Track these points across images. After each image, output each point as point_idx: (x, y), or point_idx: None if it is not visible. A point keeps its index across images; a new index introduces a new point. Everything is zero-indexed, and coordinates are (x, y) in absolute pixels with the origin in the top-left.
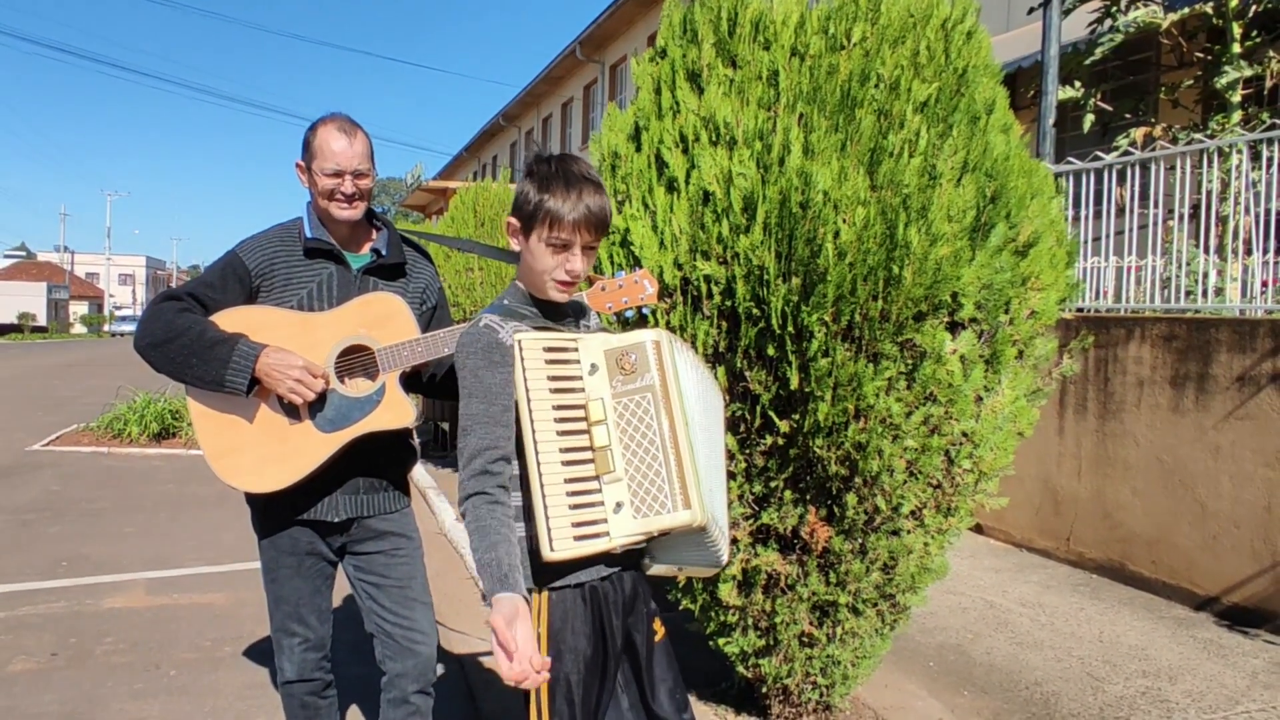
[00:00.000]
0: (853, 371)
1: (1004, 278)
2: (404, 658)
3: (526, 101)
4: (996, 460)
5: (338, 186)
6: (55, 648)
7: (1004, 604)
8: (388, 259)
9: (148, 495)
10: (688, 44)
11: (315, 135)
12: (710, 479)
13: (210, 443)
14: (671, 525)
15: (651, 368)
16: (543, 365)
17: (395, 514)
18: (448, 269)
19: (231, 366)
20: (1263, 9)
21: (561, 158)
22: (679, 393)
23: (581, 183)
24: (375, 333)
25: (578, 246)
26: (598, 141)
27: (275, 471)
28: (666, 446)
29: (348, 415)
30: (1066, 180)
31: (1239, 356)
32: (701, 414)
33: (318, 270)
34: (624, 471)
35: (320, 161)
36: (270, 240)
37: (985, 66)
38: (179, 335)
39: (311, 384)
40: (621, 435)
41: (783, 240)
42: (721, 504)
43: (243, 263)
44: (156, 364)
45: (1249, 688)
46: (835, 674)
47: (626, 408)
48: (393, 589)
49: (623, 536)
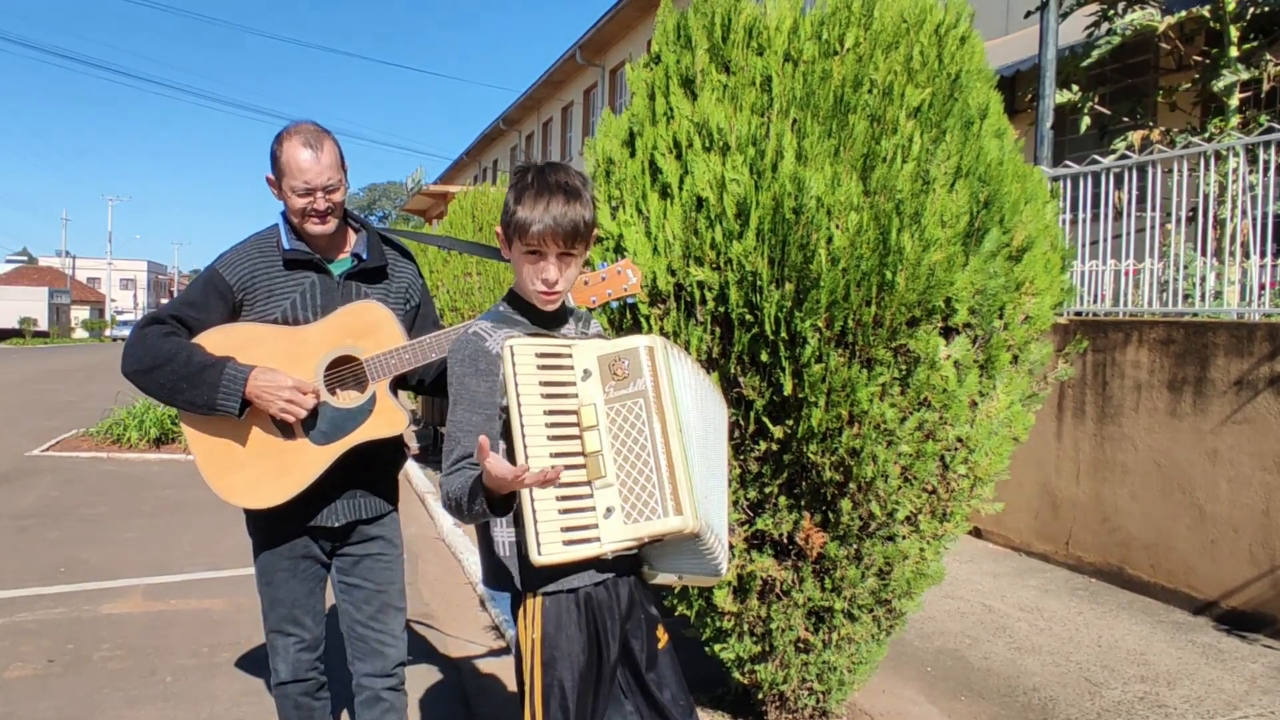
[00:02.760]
0: (846, 377)
1: (998, 283)
2: (372, 659)
3: (527, 105)
4: (992, 465)
5: (310, 205)
6: (52, 654)
7: (1002, 608)
8: (369, 262)
9: (147, 500)
10: (681, 49)
11: (281, 150)
12: (707, 486)
13: (208, 464)
14: (662, 531)
15: (645, 373)
16: (535, 370)
17: (385, 517)
18: (446, 274)
19: (222, 390)
20: (1260, 12)
21: (542, 167)
22: (673, 399)
23: (553, 192)
24: (362, 342)
25: (551, 256)
26: (592, 147)
27: (274, 487)
28: (658, 452)
29: (341, 427)
30: (1064, 184)
31: (1236, 360)
32: (700, 422)
33: (299, 280)
34: (615, 477)
35: (289, 179)
36: (249, 253)
37: (979, 71)
38: (167, 361)
39: (303, 402)
40: (613, 441)
41: (776, 246)
42: (720, 513)
43: (224, 278)
44: (146, 389)
45: (1247, 692)
46: (831, 680)
47: (619, 413)
48: (372, 593)
49: (613, 542)
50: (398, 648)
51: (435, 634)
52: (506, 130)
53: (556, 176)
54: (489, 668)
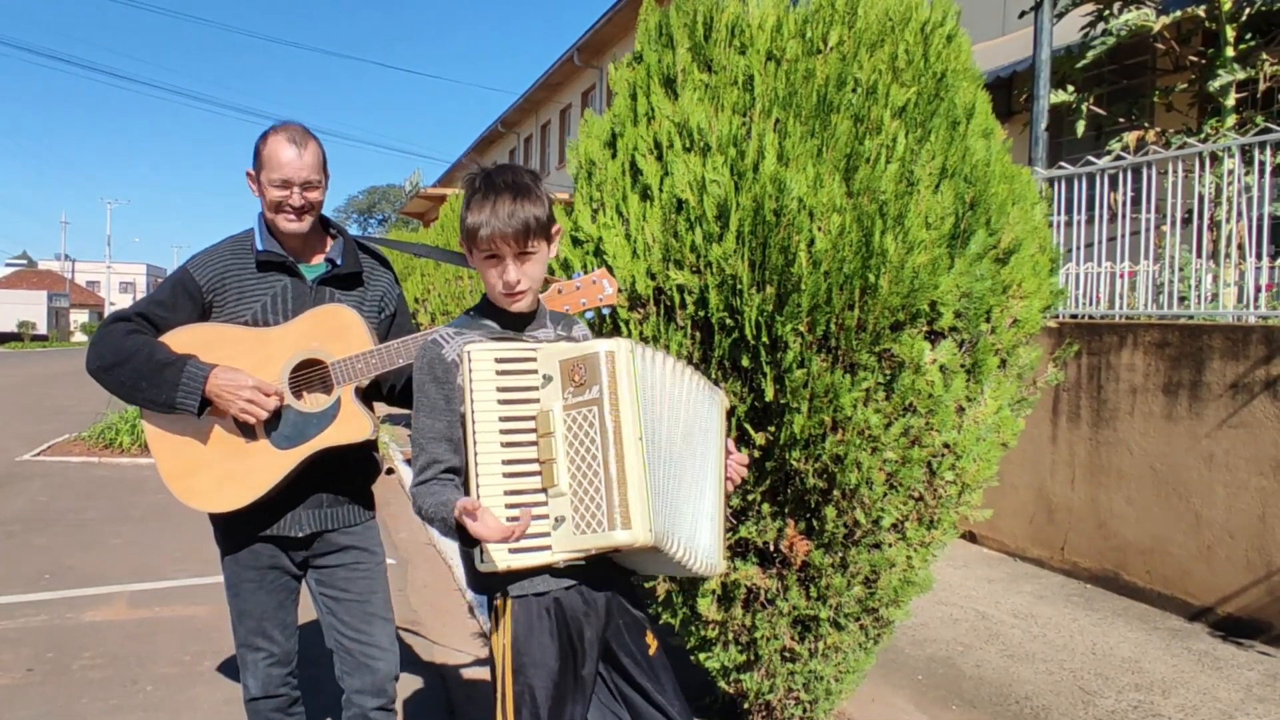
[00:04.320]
0: (829, 382)
1: (984, 285)
2: (361, 674)
3: (525, 108)
4: (980, 472)
5: (285, 199)
6: (32, 662)
7: (996, 615)
8: (343, 268)
9: (137, 505)
10: (663, 48)
11: (265, 144)
12: (675, 497)
13: (167, 464)
14: (608, 545)
15: (602, 379)
16: (492, 376)
17: (358, 527)
18: (437, 277)
19: (181, 388)
20: (1256, 12)
21: (490, 170)
22: (633, 406)
23: (499, 192)
24: (329, 346)
25: (509, 256)
26: (574, 149)
27: (233, 491)
28: (609, 462)
29: (304, 431)
30: (1059, 185)
31: (1232, 363)
32: (672, 429)
33: (271, 283)
34: (568, 486)
35: (268, 172)
36: (221, 254)
37: (965, 70)
38: (128, 358)
39: (264, 403)
40: (568, 449)
41: (756, 249)
42: (695, 523)
43: (193, 278)
44: (108, 387)
45: (1243, 701)
46: (818, 689)
47: (575, 420)
48: (352, 604)
49: (564, 552)
50: (386, 660)
51: (422, 642)
52: (505, 133)
53: (504, 176)
54: (475, 675)
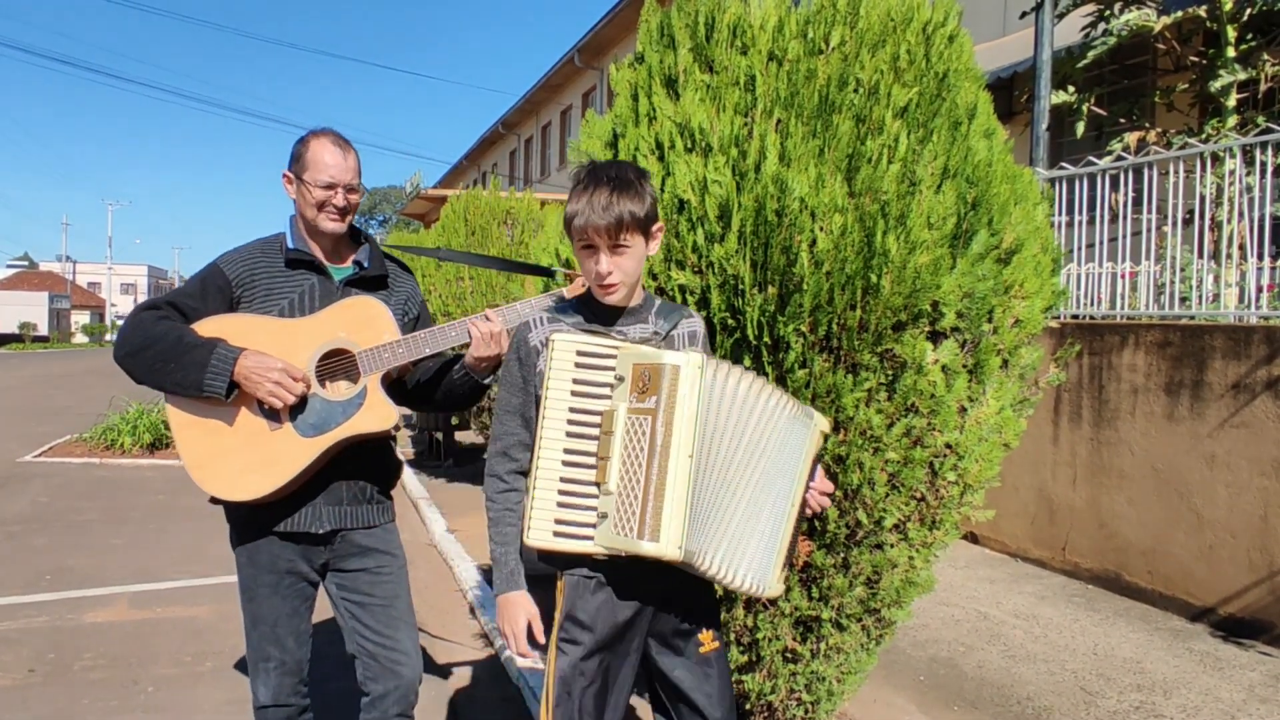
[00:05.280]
0: (831, 383)
1: (986, 286)
2: (386, 679)
3: (526, 109)
4: (982, 472)
5: (330, 199)
6: (33, 663)
7: (998, 615)
8: (370, 271)
9: (137, 506)
10: (665, 49)
11: (307, 148)
12: (722, 516)
13: (190, 452)
14: (636, 552)
15: (662, 392)
16: (571, 368)
17: (379, 528)
18: (438, 278)
19: (210, 370)
20: (1257, 12)
21: (597, 164)
22: (689, 423)
23: (599, 185)
24: (355, 335)
25: (602, 248)
26: (575, 149)
27: (256, 479)
28: (651, 475)
29: (329, 419)
30: (1060, 186)
31: (1234, 363)
32: (737, 449)
33: (299, 281)
34: (615, 486)
35: (314, 173)
36: (252, 252)
37: (967, 70)
38: (156, 341)
39: (291, 386)
40: (623, 451)
41: (758, 249)
42: (739, 542)
43: (223, 273)
44: (136, 373)
45: (1245, 701)
46: (820, 690)
47: (634, 425)
48: (377, 608)
49: (604, 546)
50: (411, 666)
51: (422, 641)
52: (505, 134)
53: (607, 171)
54: (476, 675)
